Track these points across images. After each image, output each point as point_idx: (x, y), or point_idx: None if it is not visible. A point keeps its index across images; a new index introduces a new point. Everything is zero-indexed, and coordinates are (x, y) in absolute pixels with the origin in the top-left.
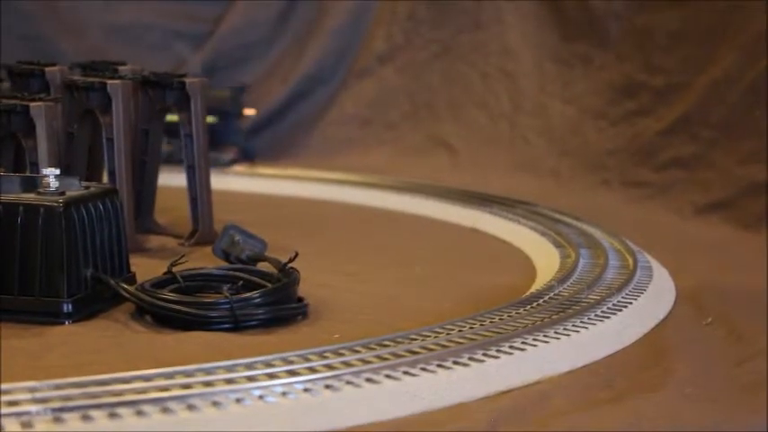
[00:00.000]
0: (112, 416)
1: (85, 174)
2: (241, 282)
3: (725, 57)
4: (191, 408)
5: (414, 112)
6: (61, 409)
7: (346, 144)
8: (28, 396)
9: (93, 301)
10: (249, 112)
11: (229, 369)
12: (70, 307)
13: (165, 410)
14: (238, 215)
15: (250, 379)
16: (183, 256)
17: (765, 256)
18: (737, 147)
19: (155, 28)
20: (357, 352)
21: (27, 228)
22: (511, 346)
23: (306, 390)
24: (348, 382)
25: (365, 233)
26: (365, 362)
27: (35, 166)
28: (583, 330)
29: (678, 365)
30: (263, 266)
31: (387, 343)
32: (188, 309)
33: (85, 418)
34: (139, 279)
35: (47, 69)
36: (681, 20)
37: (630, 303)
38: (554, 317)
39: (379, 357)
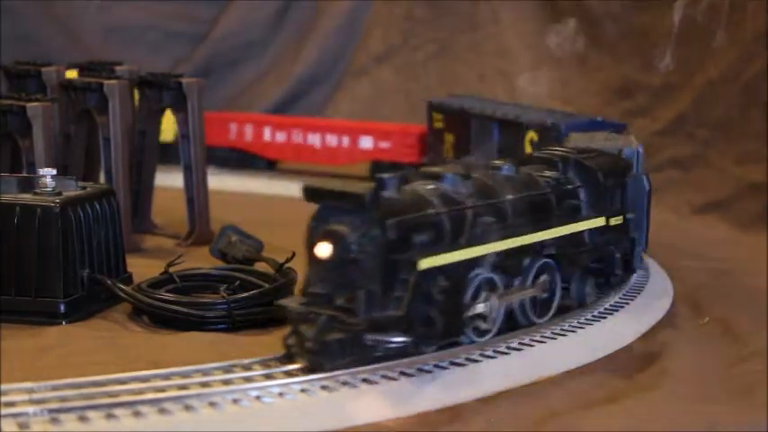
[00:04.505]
0: (109, 417)
1: (82, 174)
2: (238, 282)
3: (721, 57)
4: (188, 408)
5: (410, 112)
6: (58, 410)
7: None
8: (25, 397)
9: (89, 302)
10: None
11: (226, 370)
12: (67, 307)
13: (162, 411)
14: (235, 215)
15: (247, 380)
16: (180, 256)
17: (763, 256)
18: (734, 147)
19: (152, 28)
20: None
21: (24, 228)
22: (508, 347)
23: (303, 390)
24: (345, 383)
25: None
26: None
27: (32, 167)
28: (580, 330)
29: (674, 365)
30: (260, 267)
31: None
32: (185, 309)
33: (82, 419)
34: (136, 279)
35: (43, 70)
36: (677, 20)
37: (627, 303)
38: (551, 317)
39: None
